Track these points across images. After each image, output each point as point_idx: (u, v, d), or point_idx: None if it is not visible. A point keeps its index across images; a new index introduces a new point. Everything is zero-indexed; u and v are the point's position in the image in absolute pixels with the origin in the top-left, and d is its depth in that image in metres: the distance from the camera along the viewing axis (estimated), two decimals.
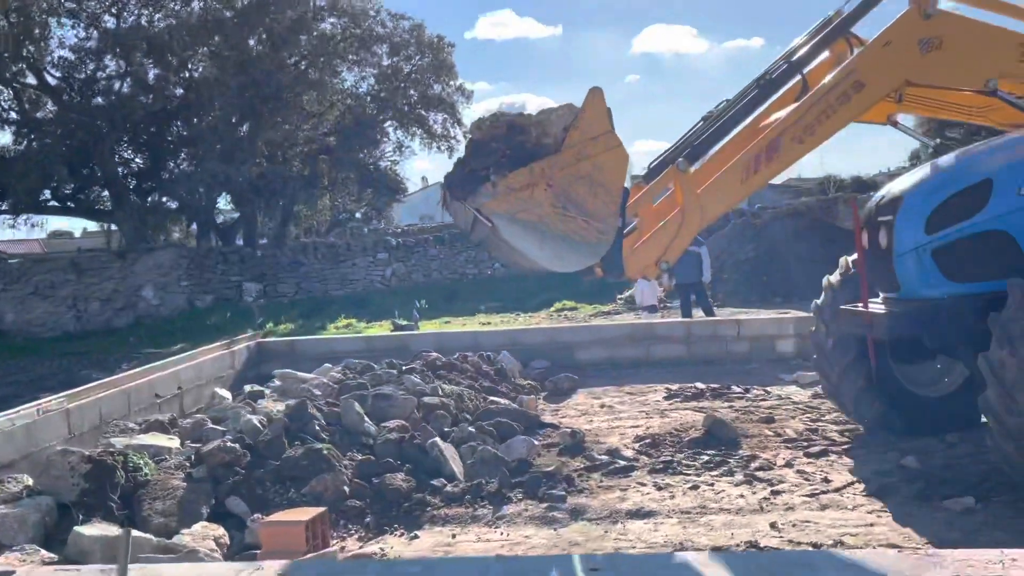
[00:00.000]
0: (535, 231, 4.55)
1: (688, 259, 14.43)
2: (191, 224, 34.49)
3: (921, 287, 5.79)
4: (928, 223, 5.68)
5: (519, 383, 9.78)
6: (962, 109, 6.64)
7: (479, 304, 23.16)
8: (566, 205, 4.57)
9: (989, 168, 5.71)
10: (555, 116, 4.69)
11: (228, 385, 10.49)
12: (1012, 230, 5.54)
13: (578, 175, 4.60)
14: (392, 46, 28.26)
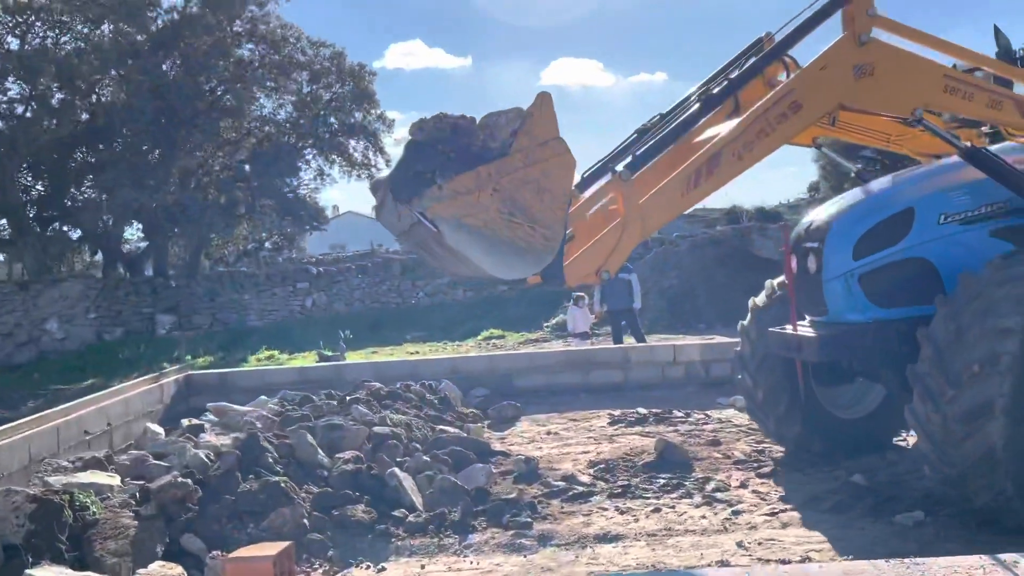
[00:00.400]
0: (481, 237, 4.43)
1: (619, 286, 14.74)
2: (95, 254, 33.18)
3: (848, 311, 5.95)
4: (855, 249, 5.86)
5: (462, 412, 9.73)
6: (881, 136, 6.93)
7: (404, 334, 22.98)
8: (513, 211, 4.47)
9: (911, 197, 5.95)
10: (503, 120, 4.58)
11: (158, 420, 10.08)
12: (932, 257, 5.78)
13: (525, 180, 4.50)
14: (312, 73, 28.01)
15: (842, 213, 6.08)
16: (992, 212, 5.81)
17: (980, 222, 5.79)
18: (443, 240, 4.45)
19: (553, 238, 4.58)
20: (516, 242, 4.48)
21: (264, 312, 25.86)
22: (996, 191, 5.73)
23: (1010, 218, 5.78)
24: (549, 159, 4.54)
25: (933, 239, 5.78)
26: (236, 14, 26.36)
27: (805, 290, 6.21)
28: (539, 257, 4.58)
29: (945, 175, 6.08)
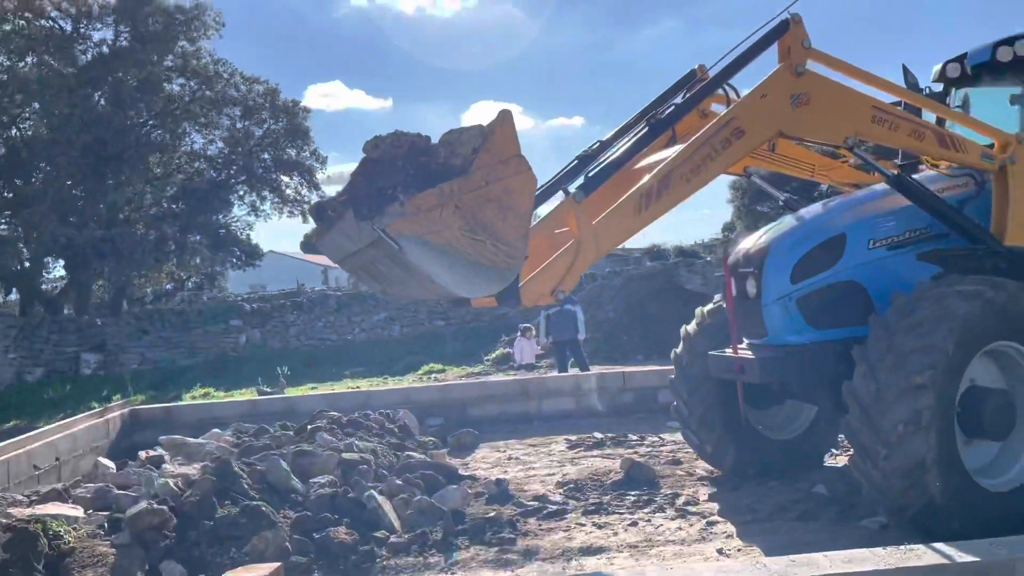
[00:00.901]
0: (444, 254, 4.36)
1: (564, 317, 15.04)
2: (8, 292, 31.91)
3: (787, 333, 6.08)
4: (793, 273, 6.03)
5: (421, 440, 9.74)
6: (807, 167, 7.25)
7: (342, 370, 22.71)
8: (475, 228, 4.41)
9: (843, 223, 6.16)
10: (465, 137, 4.53)
11: (104, 455, 9.77)
12: (863, 280, 6.01)
13: (487, 198, 4.45)
14: (245, 109, 27.79)
15: (779, 238, 6.26)
16: (916, 237, 6.10)
17: (906, 246, 6.07)
18: (405, 258, 4.39)
19: (516, 256, 4.56)
20: (479, 260, 4.45)
21: (195, 350, 25.20)
22: (919, 217, 6.04)
23: (933, 242, 6.08)
24: (511, 177, 4.51)
25: (863, 263, 6.02)
26: (167, 49, 26.06)
27: (745, 314, 6.33)
28: (502, 275, 4.56)
29: (873, 202, 6.35)
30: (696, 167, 5.35)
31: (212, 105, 26.90)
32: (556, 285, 5.03)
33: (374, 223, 4.35)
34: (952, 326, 5.04)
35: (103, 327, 24.84)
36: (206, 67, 26.79)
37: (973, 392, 5.34)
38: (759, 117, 5.51)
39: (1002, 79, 6.79)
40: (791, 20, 5.58)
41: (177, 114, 25.92)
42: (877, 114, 5.74)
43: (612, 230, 5.23)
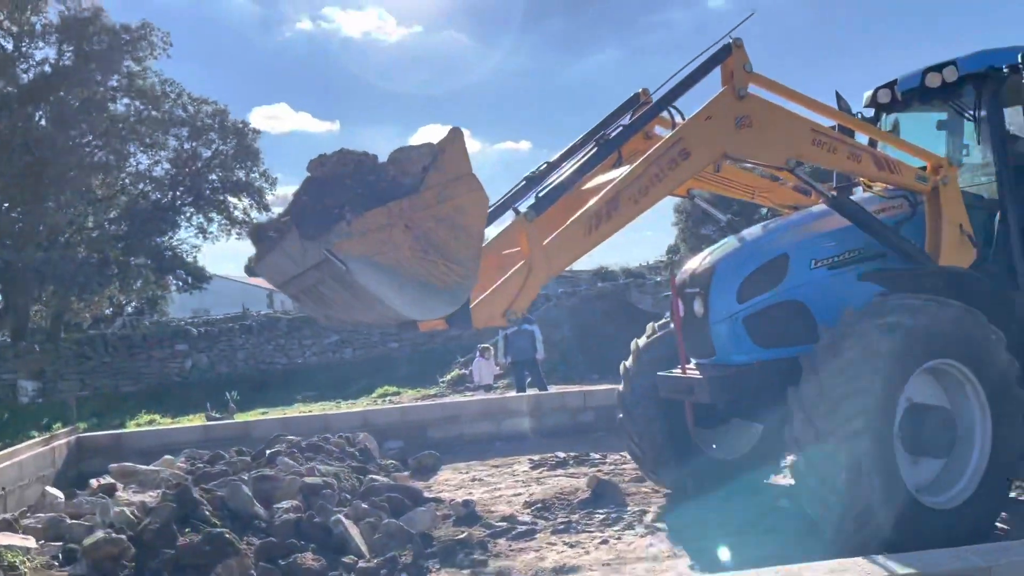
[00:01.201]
0: (394, 275, 4.22)
1: (522, 337, 15.04)
2: None
3: (734, 353, 6.10)
4: (739, 293, 6.06)
5: (382, 463, 9.59)
6: (748, 189, 7.40)
7: (293, 394, 22.36)
8: (427, 248, 4.30)
9: (786, 243, 6.22)
10: (415, 155, 4.40)
11: (50, 484, 9.39)
12: (806, 300, 6.06)
13: (438, 217, 4.34)
14: (193, 130, 27.34)
15: (725, 259, 6.30)
16: (855, 257, 6.17)
17: (845, 266, 6.15)
18: (352, 279, 4.22)
19: (468, 276, 4.47)
20: (430, 280, 4.34)
21: (139, 376, 24.57)
22: (857, 237, 6.13)
23: (871, 262, 6.17)
24: (462, 195, 4.42)
25: (806, 283, 6.07)
26: (113, 68, 25.54)
27: (693, 333, 6.36)
28: (454, 296, 4.45)
29: (813, 223, 6.42)
30: (644, 188, 5.39)
31: (159, 126, 26.38)
32: (508, 306, 4.96)
33: (320, 243, 4.21)
34: (877, 365, 5.06)
35: (42, 353, 24.04)
36: (152, 87, 26.29)
37: (913, 411, 5.41)
38: (704, 138, 5.58)
39: (930, 104, 7.00)
40: (733, 45, 5.68)
41: (123, 134, 25.36)
42: (817, 137, 5.85)
43: (563, 250, 5.20)
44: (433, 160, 4.35)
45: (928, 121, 7.46)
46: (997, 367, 5.48)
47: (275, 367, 25.65)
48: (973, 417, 5.54)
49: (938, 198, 6.19)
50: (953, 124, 7.17)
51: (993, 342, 5.47)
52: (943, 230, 6.15)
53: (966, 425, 5.54)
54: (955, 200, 6.23)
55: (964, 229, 6.20)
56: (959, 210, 6.23)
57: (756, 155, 5.91)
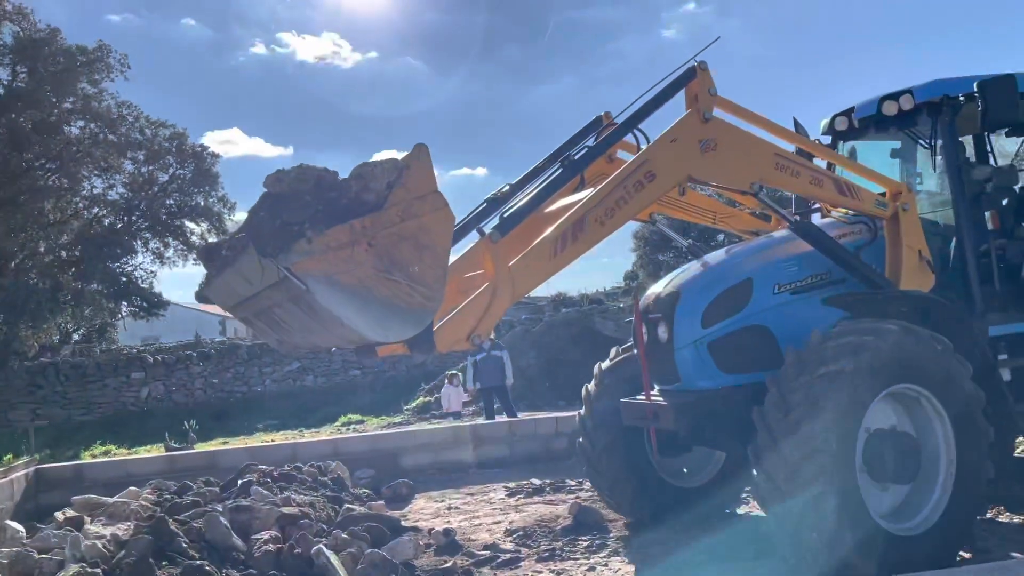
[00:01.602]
0: (355, 295, 4.04)
1: (491, 363, 14.96)
2: None
3: (699, 378, 6.00)
4: (703, 318, 5.98)
5: (355, 492, 9.42)
6: (709, 214, 7.42)
7: (254, 423, 21.93)
8: (390, 267, 4.14)
9: (750, 268, 6.18)
10: (378, 170, 4.25)
11: (8, 517, 9.03)
12: (770, 325, 6.00)
13: (403, 236, 4.20)
14: (150, 153, 26.89)
15: (689, 283, 6.23)
16: (818, 282, 6.14)
17: (808, 291, 6.11)
18: (312, 300, 4.04)
19: (433, 298, 4.31)
20: (394, 301, 4.17)
21: (92, 405, 23.90)
22: (819, 262, 6.11)
23: (834, 287, 6.13)
24: (427, 214, 4.28)
25: (770, 307, 6.02)
26: (68, 91, 25.06)
27: (657, 359, 6.24)
28: (418, 317, 4.28)
29: (776, 248, 6.40)
30: (610, 210, 5.34)
31: (115, 149, 25.90)
32: (472, 330, 4.81)
33: (278, 261, 4.01)
34: (826, 419, 4.96)
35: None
36: (108, 109, 25.85)
37: (877, 438, 5.36)
38: (670, 161, 5.54)
39: (886, 132, 7.05)
40: (698, 68, 5.69)
41: (77, 157, 24.84)
42: (780, 161, 5.86)
43: (528, 273, 5.09)
44: (398, 176, 4.22)
45: (882, 149, 7.51)
46: (962, 394, 5.43)
47: (234, 395, 25.17)
48: (938, 442, 5.49)
49: (898, 224, 6.21)
50: (907, 152, 7.23)
51: (957, 368, 5.44)
52: (903, 255, 6.17)
53: (931, 450, 5.49)
54: (914, 226, 6.26)
55: (923, 255, 6.23)
56: (918, 236, 6.26)
57: (721, 178, 5.87)
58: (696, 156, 5.58)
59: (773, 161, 5.83)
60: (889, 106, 6.51)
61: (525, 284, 5.11)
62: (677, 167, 5.57)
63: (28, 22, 25.05)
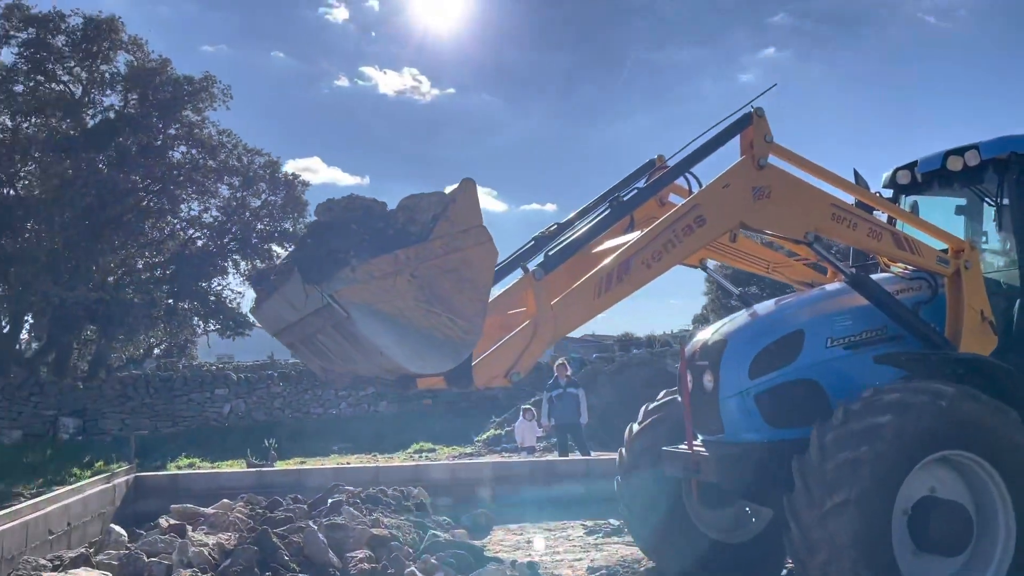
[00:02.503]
0: (395, 325, 4.05)
1: (567, 401, 15.05)
2: None
3: (744, 431, 5.77)
4: (751, 368, 5.75)
5: (436, 519, 9.62)
6: (762, 263, 7.23)
7: (328, 444, 22.38)
8: (431, 299, 4.14)
9: (801, 319, 5.96)
10: (424, 203, 4.29)
11: (110, 521, 9.53)
12: (821, 380, 5.75)
13: (445, 268, 4.20)
14: (245, 180, 28.08)
15: (737, 332, 6.03)
16: (873, 338, 5.91)
17: (863, 346, 5.86)
18: (353, 328, 4.06)
19: (472, 331, 4.28)
20: (433, 333, 4.15)
21: (178, 419, 24.74)
22: (875, 317, 5.88)
23: (889, 344, 5.89)
24: (471, 247, 4.28)
25: (821, 361, 5.79)
26: (174, 118, 26.43)
27: (701, 409, 6.02)
28: (457, 350, 4.25)
29: (830, 300, 6.21)
30: (657, 253, 5.27)
31: (213, 174, 27.17)
32: (511, 367, 4.73)
33: (323, 288, 4.06)
34: (864, 476, 4.78)
35: (85, 391, 24.38)
36: (210, 137, 27.14)
37: (923, 505, 5.15)
38: (721, 207, 5.46)
39: (950, 188, 6.83)
40: (754, 114, 5.59)
41: (179, 180, 26.14)
42: (837, 212, 5.72)
43: (571, 311, 5.03)
44: (444, 210, 4.25)
45: (947, 205, 7.25)
46: (1014, 451, 5.14)
47: (311, 416, 25.75)
48: (996, 510, 5.21)
49: (960, 282, 5.99)
50: (972, 209, 6.98)
51: (1009, 426, 5.17)
52: (964, 315, 5.92)
53: (987, 522, 5.22)
54: (977, 285, 6.03)
55: (985, 315, 5.99)
56: (981, 295, 6.03)
57: (773, 227, 5.77)
58: (748, 203, 5.49)
59: (829, 211, 5.69)
60: (954, 161, 6.30)
61: (568, 323, 5.05)
62: (728, 213, 5.49)
63: (142, 52, 26.65)
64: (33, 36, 25.17)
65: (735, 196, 5.48)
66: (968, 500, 5.26)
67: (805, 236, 5.66)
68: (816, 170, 5.86)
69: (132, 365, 31.73)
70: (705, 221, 5.38)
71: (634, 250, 5.21)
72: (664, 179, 6.03)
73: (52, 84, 25.67)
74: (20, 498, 15.37)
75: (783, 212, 5.60)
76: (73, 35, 25.55)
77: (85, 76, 26.02)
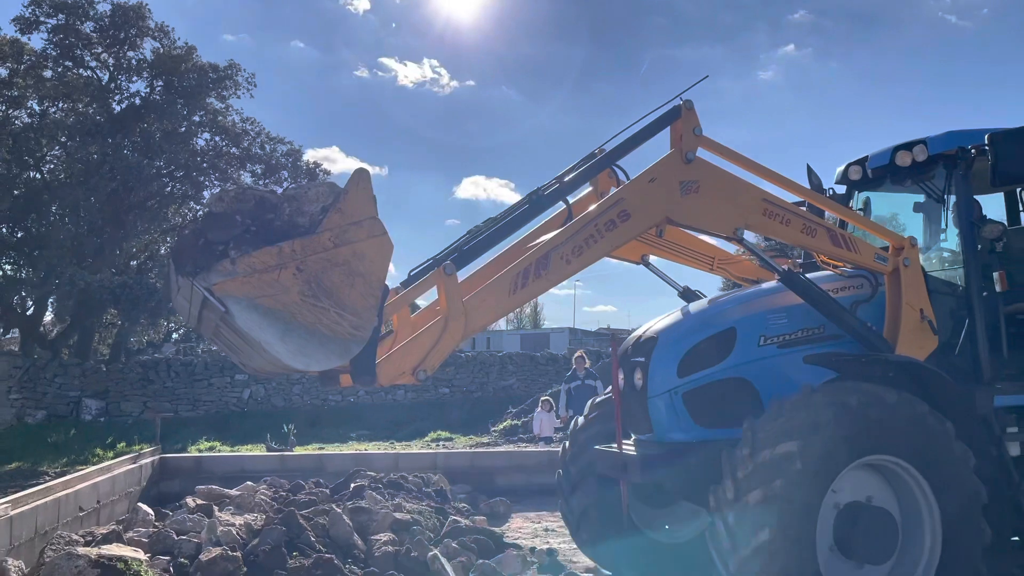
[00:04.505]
0: (278, 320, 3.89)
1: (584, 392, 15.09)
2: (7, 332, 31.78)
3: (671, 430, 5.61)
4: (680, 366, 5.62)
5: (456, 505, 9.77)
6: (706, 260, 6.93)
7: (346, 431, 22.60)
8: (318, 294, 3.98)
9: (734, 317, 5.79)
10: (313, 193, 4.13)
11: (136, 500, 9.75)
12: (751, 378, 5.62)
13: (334, 262, 4.04)
14: (268, 168, 28.28)
15: (668, 329, 5.88)
16: (808, 336, 5.77)
17: (797, 345, 5.72)
18: (233, 322, 3.88)
19: (362, 327, 4.12)
20: (319, 328, 4.00)
21: (198, 403, 25.05)
22: (812, 316, 5.72)
23: (826, 344, 5.75)
24: (364, 240, 4.12)
25: (752, 360, 5.64)
26: (198, 105, 26.66)
27: (633, 407, 5.87)
28: (344, 347, 4.09)
29: (767, 298, 6.00)
30: (578, 248, 5.10)
31: (236, 161, 27.40)
32: (418, 364, 4.58)
33: (197, 281, 3.86)
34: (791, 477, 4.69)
35: (107, 373, 24.72)
36: (234, 124, 27.36)
37: (847, 512, 5.04)
38: (647, 201, 5.29)
39: (901, 183, 6.66)
40: (683, 106, 5.42)
41: (203, 167, 26.39)
42: (768, 207, 5.55)
43: (484, 309, 4.87)
44: (334, 201, 4.10)
45: (901, 200, 7.10)
46: (944, 460, 5.05)
47: (329, 403, 26.00)
48: (921, 517, 5.11)
49: (899, 280, 5.86)
50: (930, 206, 6.80)
51: (938, 433, 5.06)
52: (903, 314, 5.80)
53: (913, 527, 5.13)
54: (917, 283, 5.90)
55: (925, 314, 5.85)
56: (921, 294, 5.89)
57: (702, 222, 5.55)
58: (676, 197, 5.31)
59: (760, 207, 5.52)
60: (903, 157, 6.16)
61: (480, 320, 4.88)
62: (654, 208, 5.31)
63: (168, 39, 26.89)
64: (62, 22, 25.45)
65: (662, 190, 5.31)
66: (895, 508, 5.16)
67: (735, 232, 5.48)
68: (749, 164, 5.70)
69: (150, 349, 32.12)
70: (630, 216, 5.21)
71: (552, 245, 5.06)
72: (587, 171, 5.76)
73: (80, 70, 25.95)
74: (45, 476, 15.76)
75: (712, 207, 5.41)
76: (101, 21, 25.81)
77: (112, 62, 26.28)
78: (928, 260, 6.49)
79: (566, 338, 44.10)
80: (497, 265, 5.45)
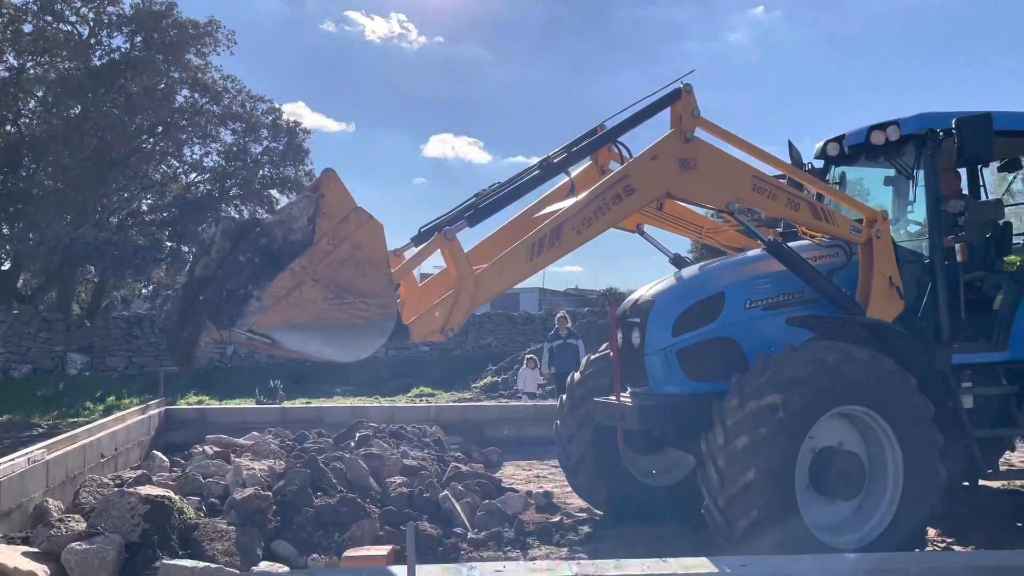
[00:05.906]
0: (317, 331, 4.30)
1: (567, 351, 15.74)
2: None
3: (666, 384, 6.27)
4: (674, 327, 6.24)
5: (454, 455, 10.38)
6: (695, 228, 7.64)
7: (330, 387, 23.13)
8: (340, 293, 4.36)
9: (724, 282, 6.44)
10: (296, 210, 4.49)
11: (147, 449, 10.26)
12: (738, 338, 6.27)
13: (340, 260, 4.41)
14: (248, 126, 28.31)
15: (664, 293, 6.51)
16: (789, 300, 6.39)
17: (779, 308, 6.35)
18: (282, 348, 4.35)
19: (388, 304, 4.53)
20: (354, 322, 4.39)
21: None
22: (793, 282, 6.35)
23: (805, 307, 6.36)
24: (355, 232, 4.46)
25: (739, 321, 6.29)
26: (178, 62, 26.55)
27: (630, 362, 6.51)
28: (381, 328, 4.52)
29: (751, 265, 6.63)
30: (587, 219, 5.62)
31: (216, 119, 27.40)
32: (445, 324, 5.13)
33: (236, 328, 4.26)
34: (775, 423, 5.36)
35: (92, 328, 24.94)
36: (214, 82, 27.30)
37: (822, 455, 5.76)
38: (649, 177, 5.82)
39: (875, 160, 7.27)
40: (683, 89, 5.95)
41: (182, 125, 26.37)
42: (757, 183, 6.11)
43: (502, 273, 5.41)
44: (316, 209, 4.43)
45: (877, 176, 7.64)
46: (907, 410, 5.75)
47: (311, 359, 26.42)
48: (886, 460, 5.82)
49: (871, 250, 6.41)
50: (899, 181, 7.28)
51: (902, 386, 5.74)
52: (873, 281, 6.37)
53: (879, 467, 5.84)
54: (887, 253, 6.45)
55: (893, 281, 6.43)
56: (890, 262, 6.45)
57: (698, 196, 6.18)
58: (675, 174, 5.86)
59: (750, 183, 6.08)
60: (877, 135, 6.67)
61: (498, 284, 5.43)
62: (656, 183, 5.87)
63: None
64: None
65: (663, 167, 5.86)
66: (863, 452, 5.88)
67: (727, 206, 6.10)
68: (741, 143, 6.26)
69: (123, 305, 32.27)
70: (634, 190, 5.77)
71: (565, 217, 5.59)
72: (592, 144, 6.34)
73: (60, 24, 25.70)
74: (38, 428, 16.14)
75: (707, 183, 5.98)
76: None
77: (92, 17, 26.05)
78: (896, 232, 7.08)
79: (536, 298, 44.76)
80: (501, 236, 6.00)
